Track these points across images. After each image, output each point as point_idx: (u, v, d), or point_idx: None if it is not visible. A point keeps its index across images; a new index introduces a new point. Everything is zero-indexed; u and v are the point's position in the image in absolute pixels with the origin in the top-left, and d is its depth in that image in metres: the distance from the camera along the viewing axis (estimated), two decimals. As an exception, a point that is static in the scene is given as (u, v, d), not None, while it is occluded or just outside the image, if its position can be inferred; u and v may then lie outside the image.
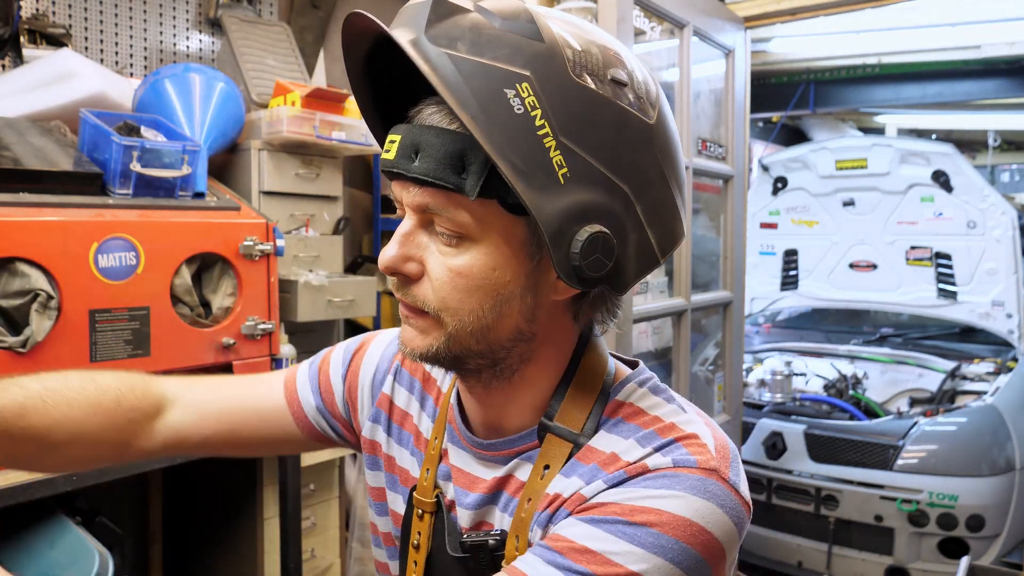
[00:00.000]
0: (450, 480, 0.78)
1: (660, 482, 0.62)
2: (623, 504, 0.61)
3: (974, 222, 3.95)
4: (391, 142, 0.65)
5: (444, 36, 0.59)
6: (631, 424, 0.69)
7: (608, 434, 0.69)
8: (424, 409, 0.84)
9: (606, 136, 0.61)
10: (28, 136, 1.74)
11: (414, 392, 0.85)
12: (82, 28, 2.21)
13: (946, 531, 2.91)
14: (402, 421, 0.85)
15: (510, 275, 0.65)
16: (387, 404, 0.87)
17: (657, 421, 0.68)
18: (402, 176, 0.64)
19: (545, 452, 0.70)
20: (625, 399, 0.71)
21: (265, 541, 2.11)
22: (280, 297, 2.01)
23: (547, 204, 0.59)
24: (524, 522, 0.69)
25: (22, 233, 1.50)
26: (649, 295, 2.35)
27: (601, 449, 0.67)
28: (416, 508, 0.79)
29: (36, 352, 1.50)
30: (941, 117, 6.73)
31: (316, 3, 2.72)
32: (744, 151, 2.77)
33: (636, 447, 0.66)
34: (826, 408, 3.60)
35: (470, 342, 0.67)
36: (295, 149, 2.20)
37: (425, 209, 0.65)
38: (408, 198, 0.65)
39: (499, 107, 0.58)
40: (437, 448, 0.79)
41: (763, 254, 4.67)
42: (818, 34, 4.67)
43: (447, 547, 0.74)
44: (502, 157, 0.58)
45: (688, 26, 2.35)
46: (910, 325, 4.52)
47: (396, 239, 0.66)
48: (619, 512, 0.61)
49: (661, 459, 0.63)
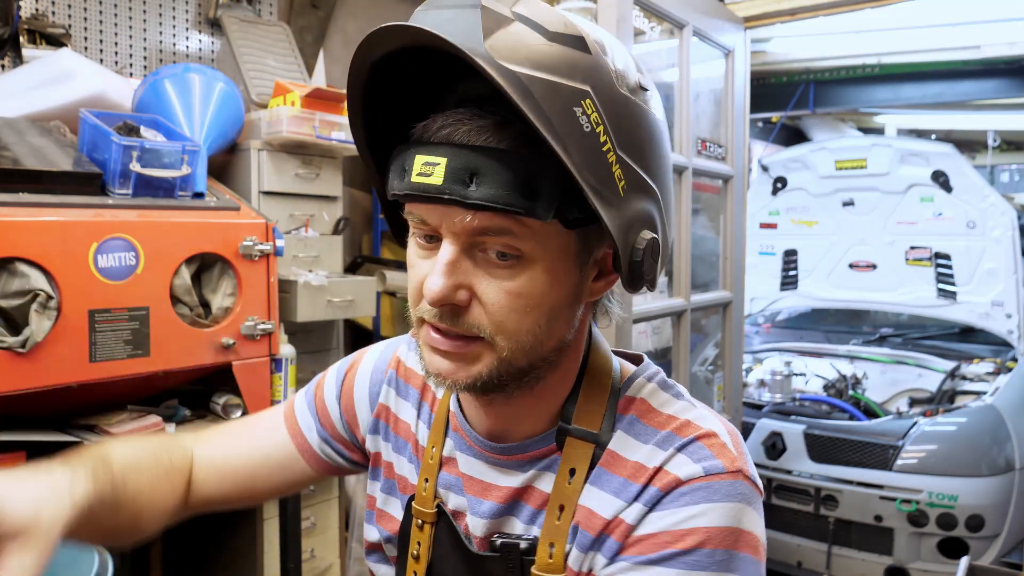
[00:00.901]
0: (461, 490, 0.77)
1: (697, 496, 0.64)
2: (672, 531, 0.63)
3: (974, 222, 3.94)
4: (430, 165, 0.60)
5: (506, 51, 0.56)
6: (647, 425, 0.69)
7: (627, 436, 0.69)
8: (420, 417, 0.83)
9: (645, 144, 0.63)
10: (28, 136, 1.73)
11: (410, 399, 0.85)
12: (82, 28, 2.21)
13: (946, 531, 2.91)
14: (400, 429, 0.85)
15: (564, 289, 0.65)
16: (384, 413, 0.86)
17: (672, 420, 0.69)
18: (455, 203, 0.60)
19: (568, 456, 0.70)
20: (636, 395, 0.72)
21: (265, 541, 2.11)
22: (280, 297, 2.01)
23: (616, 217, 0.60)
24: (560, 530, 0.68)
25: (22, 233, 1.50)
26: (649, 295, 2.35)
27: (625, 457, 0.68)
28: (415, 518, 0.79)
29: (36, 352, 1.50)
30: (941, 117, 6.73)
31: (316, 3, 2.72)
32: (744, 151, 2.77)
33: (657, 451, 0.67)
34: (826, 408, 3.60)
35: (522, 362, 0.65)
36: (295, 149, 2.20)
37: (480, 232, 0.61)
38: (457, 224, 0.61)
39: (572, 126, 0.57)
40: (436, 457, 0.78)
41: (763, 254, 4.67)
42: (818, 34, 4.67)
43: (468, 547, 0.74)
44: (582, 177, 0.57)
45: (688, 26, 2.35)
46: (910, 325, 4.52)
47: (441, 269, 0.62)
48: (670, 541, 0.63)
49: (691, 466, 0.65)
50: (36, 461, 0.73)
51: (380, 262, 2.77)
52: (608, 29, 1.98)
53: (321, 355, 2.39)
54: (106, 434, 1.64)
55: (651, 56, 2.44)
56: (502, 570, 0.71)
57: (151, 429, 1.69)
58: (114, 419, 1.69)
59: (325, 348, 2.41)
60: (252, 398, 1.89)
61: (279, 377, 1.95)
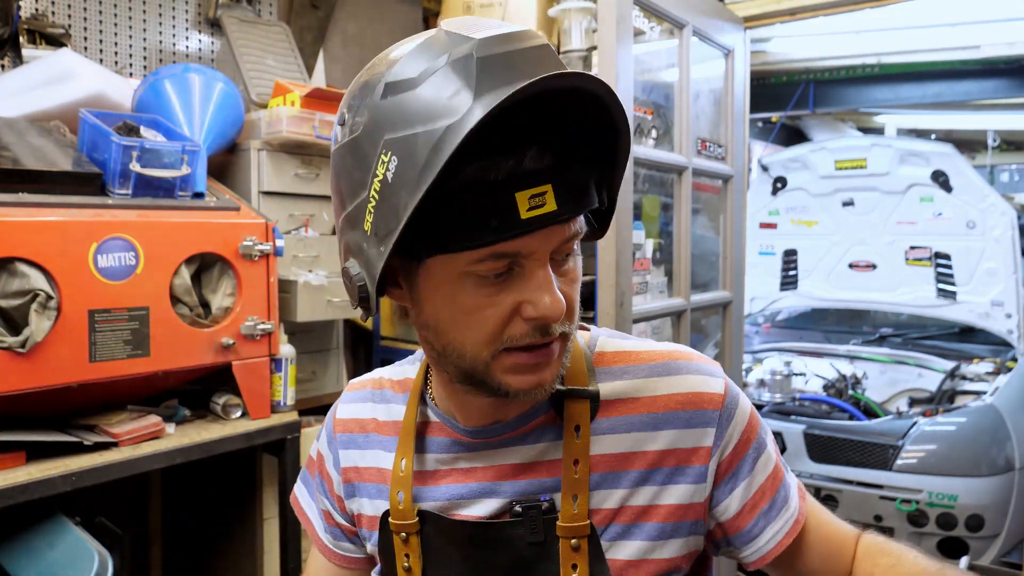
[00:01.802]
0: (463, 487, 0.79)
1: (732, 404, 0.79)
2: (743, 429, 0.80)
3: (973, 222, 3.95)
4: (539, 195, 0.62)
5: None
6: (629, 366, 0.79)
7: (615, 382, 0.78)
8: (381, 448, 0.86)
9: None
10: (27, 136, 1.73)
11: (370, 444, 0.87)
12: (81, 28, 2.21)
13: (945, 531, 2.91)
14: (366, 475, 0.87)
15: None
16: (347, 474, 0.89)
17: (655, 354, 0.80)
18: (563, 220, 0.65)
19: (570, 416, 0.76)
20: (604, 350, 0.81)
21: (265, 541, 2.11)
22: (280, 297, 2.01)
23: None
24: (580, 482, 0.74)
25: (21, 233, 1.50)
26: (648, 295, 2.35)
27: (620, 398, 0.77)
28: (396, 533, 0.80)
29: (35, 352, 1.50)
30: (941, 117, 6.74)
31: (316, 3, 2.72)
32: (744, 151, 2.77)
33: (669, 379, 0.78)
34: (825, 408, 3.60)
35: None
36: (294, 149, 2.20)
37: (572, 239, 0.68)
38: (555, 239, 0.66)
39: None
40: (408, 470, 0.80)
41: (762, 254, 4.67)
42: (817, 34, 4.67)
43: (481, 525, 0.77)
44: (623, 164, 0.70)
45: (687, 26, 2.35)
46: (909, 325, 4.52)
47: (550, 289, 0.65)
48: (749, 437, 0.80)
49: (715, 382, 0.79)
50: (36, 461, 0.73)
51: (380, 262, 2.77)
52: (608, 29, 1.99)
53: (321, 355, 2.39)
54: (106, 434, 1.64)
55: (651, 56, 2.44)
56: (525, 532, 0.75)
57: (151, 429, 1.69)
58: (114, 419, 1.69)
59: (325, 348, 2.41)
60: (252, 398, 1.89)
61: (279, 377, 1.95)
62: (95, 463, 1.55)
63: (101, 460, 1.57)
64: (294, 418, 1.95)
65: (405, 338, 2.79)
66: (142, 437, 1.68)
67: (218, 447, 1.76)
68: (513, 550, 0.75)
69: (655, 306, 2.34)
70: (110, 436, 1.64)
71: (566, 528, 0.73)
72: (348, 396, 0.92)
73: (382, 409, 0.87)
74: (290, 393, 1.98)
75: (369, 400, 0.89)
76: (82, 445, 1.59)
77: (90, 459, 1.56)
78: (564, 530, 0.74)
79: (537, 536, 0.74)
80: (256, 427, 1.86)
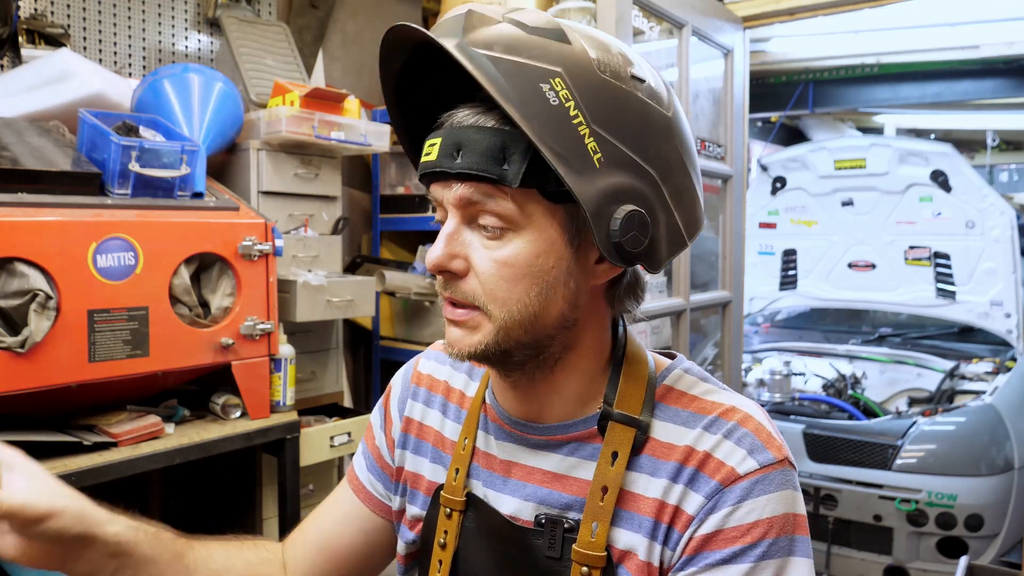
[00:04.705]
0: (499, 477, 0.80)
1: (756, 489, 0.68)
2: (738, 527, 0.67)
3: (973, 222, 3.95)
4: (431, 145, 0.69)
5: (482, 41, 0.65)
6: (688, 411, 0.74)
7: (668, 423, 0.74)
8: (448, 416, 0.87)
9: (632, 125, 0.67)
10: (26, 136, 1.73)
11: (435, 406, 0.89)
12: (81, 28, 2.21)
13: (945, 531, 2.91)
14: (425, 434, 0.89)
15: (553, 261, 0.69)
16: (409, 425, 0.90)
17: (716, 406, 0.74)
18: (445, 174, 0.68)
19: (610, 440, 0.73)
20: (674, 384, 0.77)
21: (264, 541, 2.10)
22: (279, 297, 2.01)
23: (586, 186, 0.64)
24: (604, 511, 0.72)
25: (20, 233, 1.50)
26: (648, 295, 2.35)
27: (672, 443, 0.72)
28: (444, 507, 0.82)
29: (35, 352, 1.50)
30: (940, 117, 6.74)
31: (315, 3, 2.72)
32: (743, 151, 2.77)
33: (706, 435, 0.71)
34: (825, 408, 3.60)
35: (519, 333, 0.70)
36: (294, 149, 2.20)
37: (468, 203, 0.68)
38: (450, 195, 0.69)
39: (537, 99, 0.63)
40: (468, 448, 0.82)
41: (762, 254, 4.67)
42: (817, 34, 4.68)
43: (510, 524, 0.77)
44: (542, 142, 0.62)
45: (687, 26, 2.35)
46: (909, 325, 4.52)
47: (441, 239, 0.70)
48: (737, 536, 0.67)
49: (746, 460, 0.69)
50: (35, 461, 0.74)
51: (379, 262, 2.77)
52: (607, 29, 1.99)
53: (320, 355, 2.39)
54: (106, 434, 1.64)
55: (650, 56, 2.44)
56: (544, 544, 0.74)
57: (150, 429, 1.69)
58: (113, 419, 1.69)
59: (324, 348, 2.41)
60: (251, 398, 1.89)
61: (278, 377, 1.95)
62: (94, 463, 1.55)
63: (100, 460, 1.57)
64: (293, 418, 1.95)
65: (405, 338, 2.79)
66: (141, 437, 1.68)
67: (217, 447, 1.76)
68: (533, 558, 0.75)
69: (655, 306, 2.34)
70: (109, 436, 1.64)
71: (580, 554, 0.72)
72: (433, 353, 0.94)
73: (460, 378, 0.89)
74: (289, 393, 1.98)
75: (449, 363, 0.91)
76: (81, 445, 1.59)
77: (89, 459, 1.56)
78: (578, 555, 0.72)
79: (554, 552, 0.74)
80: (255, 427, 1.86)
